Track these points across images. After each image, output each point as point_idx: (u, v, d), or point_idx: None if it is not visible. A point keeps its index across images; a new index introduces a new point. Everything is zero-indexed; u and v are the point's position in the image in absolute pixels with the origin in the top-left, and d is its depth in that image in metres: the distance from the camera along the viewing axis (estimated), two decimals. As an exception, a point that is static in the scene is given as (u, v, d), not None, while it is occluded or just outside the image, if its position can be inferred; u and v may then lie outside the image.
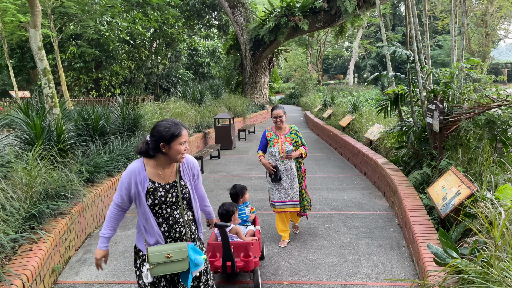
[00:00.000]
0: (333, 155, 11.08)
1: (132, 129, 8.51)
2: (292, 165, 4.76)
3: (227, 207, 3.94)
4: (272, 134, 4.87)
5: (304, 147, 4.84)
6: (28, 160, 4.75)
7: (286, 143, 4.77)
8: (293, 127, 4.90)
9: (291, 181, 4.76)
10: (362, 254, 4.47)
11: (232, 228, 3.92)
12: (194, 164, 2.73)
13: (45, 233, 3.94)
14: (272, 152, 4.79)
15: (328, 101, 18.27)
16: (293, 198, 4.76)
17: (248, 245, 3.69)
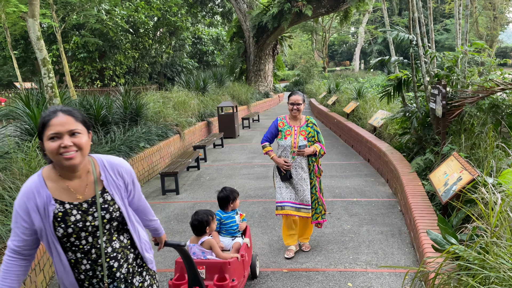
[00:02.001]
0: (337, 142, 11.01)
1: (134, 118, 8.51)
2: (303, 163, 4.09)
3: (200, 216, 3.20)
4: (285, 124, 4.18)
5: (321, 144, 4.13)
6: (28, 151, 4.76)
7: (301, 137, 4.07)
8: (311, 119, 4.17)
9: (301, 181, 4.08)
10: (363, 241, 4.44)
11: (205, 242, 3.17)
12: (125, 168, 1.96)
13: (45, 222, 3.95)
14: (282, 145, 4.13)
15: (333, 88, 18.11)
16: (303, 201, 4.08)
17: (224, 265, 3.03)
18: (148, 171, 7.78)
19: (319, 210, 4.18)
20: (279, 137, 4.17)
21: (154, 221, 2.25)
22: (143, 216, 2.17)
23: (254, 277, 3.69)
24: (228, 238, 3.60)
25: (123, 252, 1.93)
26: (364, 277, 3.65)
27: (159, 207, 5.98)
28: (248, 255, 3.49)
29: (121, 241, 1.93)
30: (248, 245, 3.55)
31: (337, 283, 3.56)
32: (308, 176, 4.12)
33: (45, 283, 3.73)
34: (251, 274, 3.68)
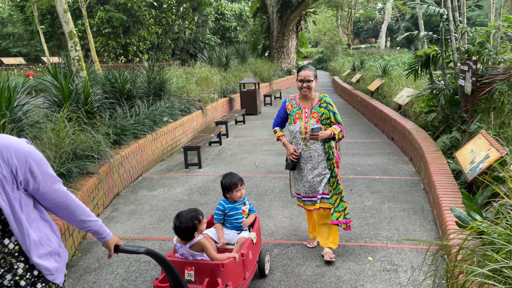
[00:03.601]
0: (360, 121, 10.86)
1: (158, 93, 8.60)
2: (319, 149, 3.48)
3: (183, 224, 2.59)
4: (294, 106, 3.57)
5: (339, 125, 3.47)
6: (57, 121, 4.89)
7: (312, 120, 3.45)
8: (325, 98, 3.52)
9: (319, 171, 3.50)
10: (384, 217, 4.43)
11: (196, 244, 2.65)
12: (14, 152, 1.56)
13: (73, 191, 4.10)
14: (291, 131, 3.55)
15: (357, 65, 17.74)
16: (321, 191, 3.53)
17: (216, 268, 2.57)
18: (172, 145, 7.91)
19: (341, 208, 3.51)
20: (288, 122, 3.61)
21: (89, 222, 1.80)
22: (70, 215, 1.75)
23: (262, 275, 3.26)
24: (233, 231, 3.17)
25: (4, 260, 1.57)
26: (384, 252, 3.65)
27: (182, 180, 6.10)
28: (253, 253, 3.03)
29: (3, 246, 1.57)
30: (253, 241, 3.07)
31: (357, 257, 3.58)
32: (327, 164, 3.50)
33: (74, 247, 3.90)
34: (259, 272, 3.26)
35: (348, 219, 3.53)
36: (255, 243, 3.12)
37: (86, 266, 3.60)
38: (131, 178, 6.09)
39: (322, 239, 3.59)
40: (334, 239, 3.57)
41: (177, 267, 2.58)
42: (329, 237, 3.57)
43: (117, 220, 4.65)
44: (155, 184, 5.94)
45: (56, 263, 1.69)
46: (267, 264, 3.38)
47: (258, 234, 3.24)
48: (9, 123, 4.13)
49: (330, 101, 3.54)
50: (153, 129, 7.11)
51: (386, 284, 3.13)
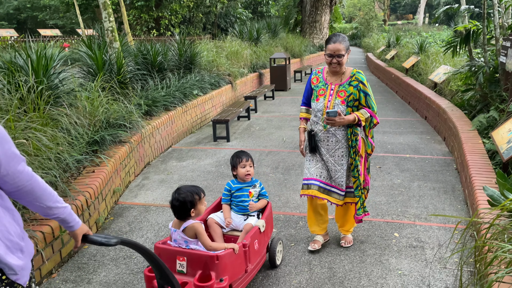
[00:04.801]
0: (393, 99, 10.59)
1: (189, 66, 8.64)
2: (339, 134, 3.04)
3: (182, 195, 2.37)
4: (320, 79, 3.11)
5: (369, 109, 3.00)
6: (91, 90, 5.03)
7: (338, 99, 2.99)
8: (358, 75, 3.01)
9: (334, 159, 3.08)
10: (413, 195, 4.36)
11: (189, 227, 2.38)
12: None
13: (106, 157, 4.25)
14: (313, 108, 3.13)
15: (393, 42, 17.14)
16: (336, 184, 3.12)
17: (210, 260, 2.29)
18: (201, 118, 7.99)
19: (357, 192, 3.13)
20: (312, 98, 3.15)
21: (56, 209, 1.57)
22: (34, 201, 1.51)
23: (273, 266, 3.01)
24: (240, 216, 2.92)
25: None
26: (411, 229, 3.61)
27: (210, 152, 6.18)
28: (259, 242, 2.73)
29: None
30: (260, 229, 2.75)
31: (383, 232, 3.56)
32: (346, 153, 3.07)
33: (107, 211, 4.06)
34: (269, 263, 3.00)
35: (366, 212, 3.23)
36: (264, 232, 2.82)
37: (118, 229, 3.76)
38: (161, 148, 6.23)
39: (341, 228, 3.38)
40: (351, 226, 3.37)
41: (168, 256, 2.36)
42: (347, 225, 3.35)
43: (148, 188, 4.79)
44: (184, 156, 6.05)
45: (19, 260, 1.43)
46: (279, 255, 3.08)
47: (269, 222, 2.96)
48: (46, 90, 4.28)
49: (364, 79, 2.99)
50: (183, 102, 7.19)
51: (411, 260, 3.11)
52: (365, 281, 2.87)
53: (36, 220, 3.00)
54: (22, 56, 4.34)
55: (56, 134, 3.73)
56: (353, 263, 3.09)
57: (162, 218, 3.95)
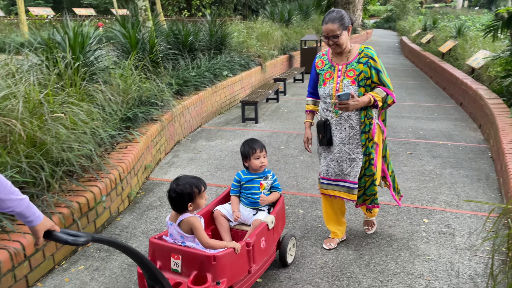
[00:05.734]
0: (427, 84, 10.27)
1: (219, 47, 8.65)
2: (353, 120, 2.74)
3: (180, 186, 2.16)
4: (325, 62, 2.83)
5: (385, 88, 2.70)
6: (124, 68, 5.13)
7: (347, 79, 2.70)
8: (366, 51, 2.73)
9: (349, 148, 2.79)
10: (444, 182, 4.26)
11: (184, 221, 2.17)
12: None
13: (138, 134, 4.35)
14: (321, 94, 2.85)
15: (429, 25, 16.52)
16: (347, 177, 2.83)
17: (206, 260, 2.08)
18: (230, 100, 8.02)
19: (370, 191, 2.89)
20: (319, 83, 2.86)
21: (10, 201, 1.43)
22: None
23: (284, 264, 2.80)
24: (249, 210, 2.73)
25: None
26: (442, 215, 3.55)
27: (239, 133, 6.22)
28: (267, 240, 2.50)
29: None
30: (269, 226, 2.52)
31: (412, 218, 3.51)
32: (360, 140, 2.78)
33: (138, 186, 4.19)
34: (280, 261, 2.79)
35: (374, 204, 2.96)
36: (273, 228, 2.58)
37: (149, 203, 3.87)
38: (191, 128, 6.31)
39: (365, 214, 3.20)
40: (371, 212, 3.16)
41: (163, 253, 2.17)
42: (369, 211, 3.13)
43: (177, 165, 4.89)
44: (213, 135, 6.12)
45: None
46: (291, 252, 2.86)
47: (280, 217, 2.72)
48: (82, 66, 4.40)
49: (374, 55, 2.71)
50: (213, 82, 7.22)
51: (440, 246, 3.07)
52: (392, 264, 2.86)
53: (72, 191, 3.13)
54: (60, 33, 4.46)
55: (92, 109, 3.84)
56: (380, 247, 3.08)
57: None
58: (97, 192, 3.23)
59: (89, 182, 3.30)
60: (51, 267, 2.81)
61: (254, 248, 2.33)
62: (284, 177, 4.47)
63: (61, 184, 3.13)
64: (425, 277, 2.70)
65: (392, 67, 13.21)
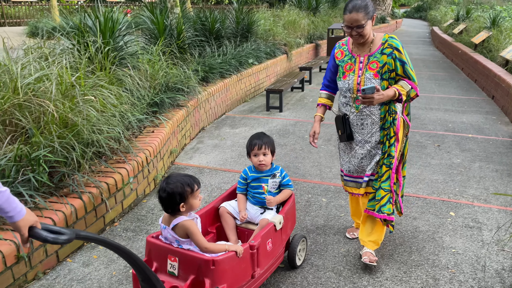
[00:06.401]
0: (457, 76, 9.97)
1: (245, 34, 8.62)
2: (375, 114, 2.55)
3: (171, 185, 1.95)
4: (345, 53, 2.63)
5: (409, 80, 2.49)
6: (152, 54, 5.19)
7: (369, 72, 2.50)
8: (391, 41, 2.51)
9: (371, 145, 2.61)
10: (473, 176, 4.15)
11: (179, 225, 1.99)
12: None
13: (165, 119, 4.42)
14: (341, 88, 2.66)
15: (462, 15, 15.97)
16: (367, 171, 2.63)
17: (204, 265, 1.93)
18: (255, 88, 8.02)
19: (380, 195, 2.56)
20: (338, 75, 2.67)
21: None
22: None
23: (292, 266, 2.65)
24: (256, 208, 2.57)
25: None
26: (469, 209, 3.47)
27: (262, 121, 6.23)
28: (274, 242, 2.34)
29: None
30: (276, 227, 2.34)
31: (438, 211, 3.45)
32: (380, 137, 2.57)
33: (164, 170, 4.26)
34: (289, 263, 2.64)
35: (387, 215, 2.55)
36: (282, 229, 2.41)
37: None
38: (216, 115, 6.36)
39: (362, 233, 2.73)
40: (377, 238, 2.68)
41: (159, 254, 2.04)
42: (371, 234, 2.68)
43: (202, 151, 4.95)
44: (237, 123, 6.14)
45: None
46: (301, 254, 2.70)
47: (290, 217, 2.55)
48: (112, 51, 4.48)
49: (399, 45, 2.49)
50: (238, 70, 7.23)
51: (466, 240, 3.01)
52: (415, 255, 2.82)
53: (101, 172, 3.22)
54: (91, 18, 4.55)
55: (121, 93, 3.92)
56: (404, 238, 3.04)
57: (215, 180, 4.08)
58: (125, 174, 3.31)
59: (117, 164, 3.39)
60: (80, 244, 2.92)
61: (258, 251, 2.17)
62: (308, 166, 4.46)
63: (91, 165, 3.22)
64: (450, 270, 2.66)
65: (422, 58, 12.87)
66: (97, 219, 3.05)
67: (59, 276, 2.59)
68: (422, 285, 2.51)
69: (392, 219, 2.57)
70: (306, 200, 3.66)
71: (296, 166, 4.45)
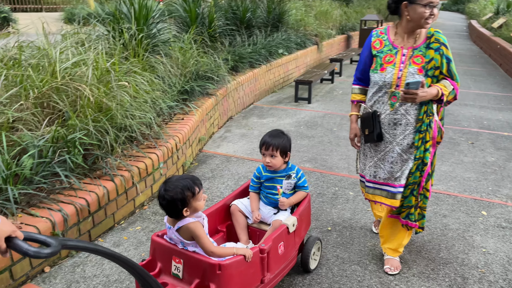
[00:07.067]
0: (495, 72, 9.59)
1: (276, 24, 8.57)
2: (411, 115, 2.30)
3: (170, 192, 1.84)
4: (385, 43, 2.36)
5: (452, 81, 2.27)
6: (184, 42, 5.24)
7: (413, 67, 2.25)
8: (438, 35, 2.28)
9: (402, 148, 2.35)
10: (508, 175, 4.01)
11: (184, 228, 1.88)
12: None
13: (194, 107, 4.47)
14: (376, 82, 2.36)
15: (502, 9, 15.30)
16: (396, 180, 2.38)
17: (210, 269, 1.83)
18: (284, 78, 7.98)
19: (407, 202, 2.41)
20: (373, 67, 2.39)
21: None
22: None
23: (306, 270, 2.51)
24: (270, 208, 2.45)
25: None
26: (502, 209, 3.36)
27: (290, 112, 6.20)
28: (286, 245, 2.21)
29: None
30: (289, 229, 2.22)
31: (470, 209, 3.36)
32: (414, 140, 2.32)
33: (192, 157, 4.33)
34: (302, 267, 2.51)
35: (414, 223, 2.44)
36: (295, 232, 2.28)
37: (202, 174, 4.00)
38: (244, 104, 6.38)
39: (387, 244, 2.60)
40: (400, 243, 2.54)
41: (164, 254, 1.95)
42: (395, 240, 2.55)
43: (229, 140, 4.98)
44: (265, 113, 6.14)
45: None
46: (315, 257, 2.57)
47: (304, 219, 2.42)
48: (146, 38, 4.55)
49: (446, 41, 2.28)
50: (268, 60, 7.21)
51: (498, 240, 2.92)
52: (444, 253, 2.77)
53: (133, 156, 3.31)
54: (127, 5, 4.63)
55: (153, 80, 3.99)
56: (433, 235, 2.98)
57: (242, 169, 4.11)
58: (155, 159, 3.39)
59: (148, 149, 3.46)
60: (111, 225, 3.01)
61: (269, 255, 2.04)
62: (335, 158, 4.42)
63: (123, 149, 3.31)
64: (480, 270, 2.60)
65: (458, 53, 12.44)
66: (127, 202, 3.14)
67: (91, 255, 2.69)
68: (450, 284, 2.47)
69: (417, 226, 2.47)
70: (333, 192, 3.64)
71: (324, 158, 4.42)
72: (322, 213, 3.28)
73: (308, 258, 2.46)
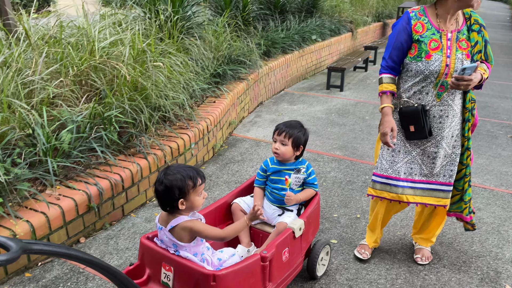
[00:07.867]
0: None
1: (310, 10, 8.43)
2: (456, 106, 2.16)
3: (170, 176, 1.66)
4: (427, 26, 2.13)
5: (487, 63, 2.17)
6: (218, 25, 5.25)
7: (460, 53, 2.08)
8: (475, 15, 2.15)
9: (446, 142, 2.20)
10: (549, 171, 3.84)
11: (177, 228, 1.68)
12: None
13: (226, 90, 4.49)
14: (421, 71, 2.14)
15: (551, -2, 14.43)
16: (435, 177, 2.26)
17: (203, 279, 1.61)
18: (316, 65, 7.88)
19: (468, 196, 2.29)
20: (413, 54, 2.15)
21: None
22: None
23: (312, 277, 2.29)
24: (274, 208, 2.22)
25: None
26: (541, 205, 3.23)
27: (322, 99, 6.13)
28: (292, 251, 2.00)
29: None
30: (295, 234, 1.99)
31: (506, 204, 3.24)
32: (460, 132, 2.21)
33: (222, 140, 4.37)
34: (308, 273, 2.28)
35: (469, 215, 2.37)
36: (301, 236, 2.06)
37: (231, 157, 4.04)
38: (275, 90, 6.35)
39: (420, 235, 2.55)
40: (434, 232, 2.50)
41: (153, 259, 1.75)
42: (429, 231, 2.49)
43: (259, 125, 4.99)
44: (296, 100, 6.10)
45: None
46: (324, 262, 2.34)
47: (312, 222, 2.19)
48: (180, 20, 4.59)
49: (483, 21, 2.16)
50: (300, 46, 7.12)
51: (536, 237, 2.81)
52: (477, 246, 2.69)
53: (166, 136, 3.37)
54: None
55: (187, 61, 4.03)
56: (466, 228, 2.91)
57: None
58: (187, 140, 3.44)
59: (180, 129, 3.52)
60: (143, 202, 3.10)
61: (272, 263, 1.83)
62: (366, 147, 4.35)
63: (157, 128, 3.38)
64: (515, 266, 2.51)
65: (500, 44, 11.90)
66: (159, 180, 3.21)
67: (124, 229, 2.78)
68: (482, 277, 2.40)
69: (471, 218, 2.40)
70: (363, 181, 3.59)
71: (354, 146, 4.36)
72: (351, 200, 3.26)
73: (315, 263, 2.22)
